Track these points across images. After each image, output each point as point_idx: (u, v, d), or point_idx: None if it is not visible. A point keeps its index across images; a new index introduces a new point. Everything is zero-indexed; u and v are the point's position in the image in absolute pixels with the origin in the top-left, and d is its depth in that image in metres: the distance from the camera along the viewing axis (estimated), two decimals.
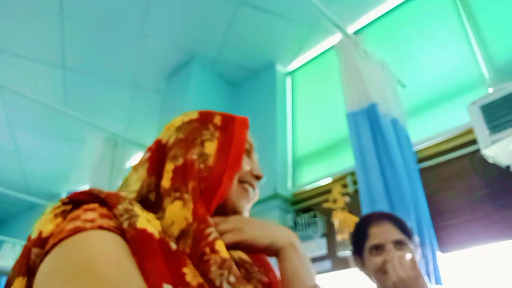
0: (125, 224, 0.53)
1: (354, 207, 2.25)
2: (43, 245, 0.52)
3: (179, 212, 0.60)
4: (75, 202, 0.58)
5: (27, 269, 0.52)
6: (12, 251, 5.10)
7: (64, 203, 0.59)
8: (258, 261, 0.71)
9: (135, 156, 4.35)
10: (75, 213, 0.54)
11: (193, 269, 0.54)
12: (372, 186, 1.98)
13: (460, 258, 1.94)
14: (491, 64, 2.22)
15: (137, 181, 0.68)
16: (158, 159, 0.70)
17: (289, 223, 2.57)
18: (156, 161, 0.70)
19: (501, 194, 1.84)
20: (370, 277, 1.32)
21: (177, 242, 0.57)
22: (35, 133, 4.40)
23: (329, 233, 2.41)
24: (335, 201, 2.36)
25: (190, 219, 0.59)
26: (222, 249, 0.56)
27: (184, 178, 0.64)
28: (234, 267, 0.54)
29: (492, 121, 1.75)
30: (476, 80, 2.27)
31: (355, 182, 2.34)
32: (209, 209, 0.63)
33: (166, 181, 0.65)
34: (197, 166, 0.66)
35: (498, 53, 2.23)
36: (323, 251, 2.39)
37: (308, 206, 2.64)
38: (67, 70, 3.54)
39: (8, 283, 0.54)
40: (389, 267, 1.18)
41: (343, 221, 2.23)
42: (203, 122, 0.75)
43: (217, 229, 0.62)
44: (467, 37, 2.41)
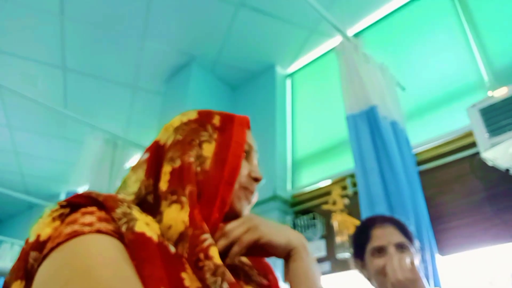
0: (123, 228, 0.52)
1: (354, 209, 2.25)
2: (41, 249, 0.52)
3: (177, 215, 0.59)
4: (73, 205, 0.58)
5: (25, 273, 0.52)
6: (11, 251, 5.09)
7: (62, 206, 0.58)
8: (258, 264, 0.71)
9: (135, 157, 4.35)
10: (73, 217, 0.54)
11: (192, 274, 0.53)
12: (372, 189, 1.98)
13: (459, 261, 1.94)
14: (491, 67, 2.22)
15: (136, 183, 0.68)
16: (156, 161, 0.69)
17: (289, 225, 2.56)
18: (154, 163, 0.69)
19: (501, 197, 1.84)
20: (370, 280, 1.32)
21: (176, 246, 0.56)
22: (35, 134, 4.40)
23: (328, 235, 2.41)
24: (335, 203, 2.36)
25: (188, 223, 0.58)
26: (216, 255, 0.56)
27: (181, 181, 0.63)
28: (228, 274, 0.54)
29: (492, 124, 1.75)
30: (476, 83, 2.27)
31: (355, 184, 2.34)
32: (210, 216, 0.62)
33: (164, 184, 0.64)
34: (194, 169, 0.66)
35: (498, 56, 2.23)
36: (322, 253, 2.39)
37: (308, 208, 2.64)
38: (67, 71, 3.54)
39: (6, 286, 0.54)
40: (388, 269, 1.19)
41: (342, 223, 2.23)
42: (202, 123, 0.74)
43: (235, 233, 0.62)
44: (467, 40, 2.41)
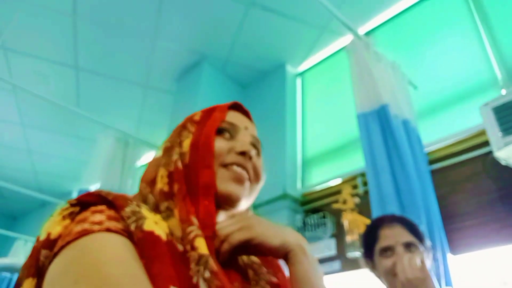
0: (132, 227, 0.53)
1: (364, 209, 2.24)
2: (52, 247, 0.52)
3: (175, 215, 0.61)
4: (83, 204, 0.59)
5: (37, 270, 0.53)
6: (24, 248, 5.18)
7: (72, 205, 0.59)
8: (267, 262, 0.71)
9: (146, 156, 4.38)
10: (83, 215, 0.54)
11: None
12: (383, 188, 1.97)
13: (472, 261, 1.92)
14: (504, 65, 2.19)
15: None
16: (158, 165, 0.71)
17: (299, 224, 2.56)
18: (156, 166, 0.71)
19: None
20: (381, 279, 1.32)
21: (183, 243, 0.57)
22: (48, 132, 4.45)
23: (339, 234, 2.40)
24: (345, 202, 2.35)
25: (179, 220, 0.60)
26: (201, 246, 0.56)
27: (171, 182, 0.65)
28: (211, 262, 0.54)
29: (505, 123, 1.72)
30: (489, 82, 2.24)
31: (365, 183, 2.33)
32: (199, 205, 0.63)
33: (161, 185, 0.66)
34: (180, 167, 0.67)
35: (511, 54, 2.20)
36: (332, 252, 2.38)
37: (318, 207, 2.63)
38: (80, 70, 3.58)
39: (18, 284, 0.54)
40: (398, 268, 1.19)
41: (353, 222, 2.22)
42: (184, 124, 0.75)
43: (226, 230, 0.61)
44: (480, 38, 2.37)
